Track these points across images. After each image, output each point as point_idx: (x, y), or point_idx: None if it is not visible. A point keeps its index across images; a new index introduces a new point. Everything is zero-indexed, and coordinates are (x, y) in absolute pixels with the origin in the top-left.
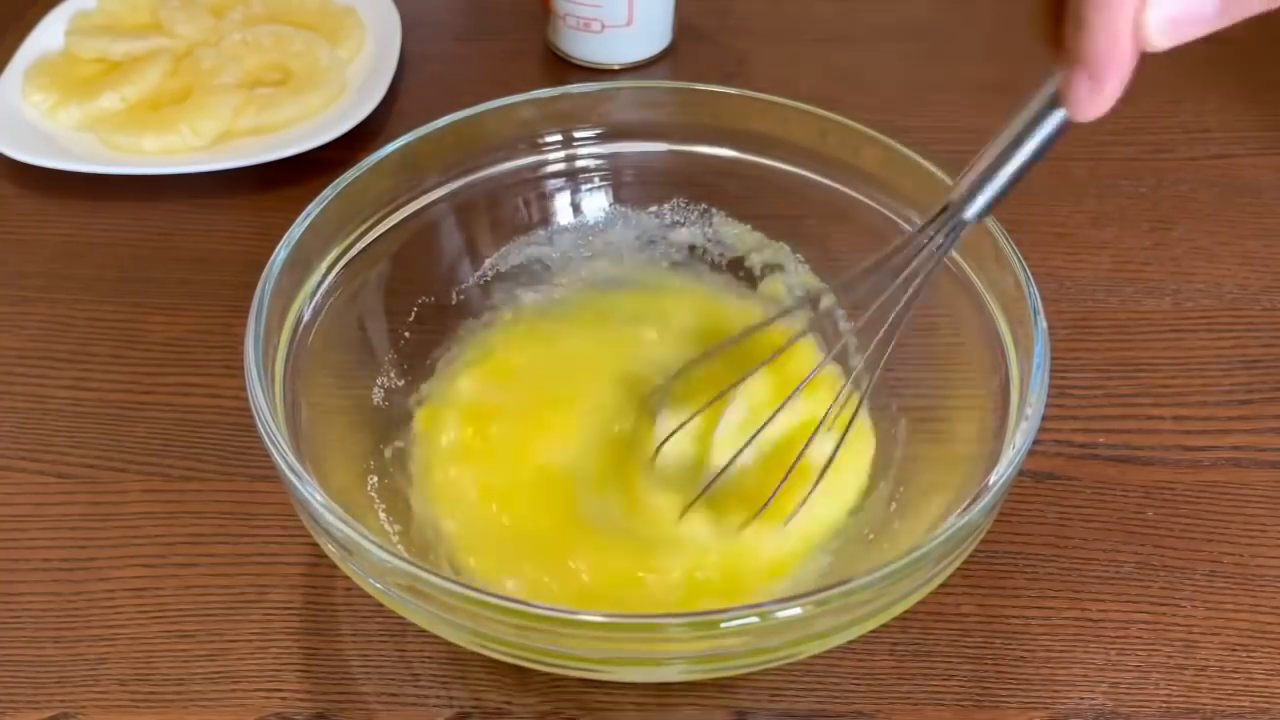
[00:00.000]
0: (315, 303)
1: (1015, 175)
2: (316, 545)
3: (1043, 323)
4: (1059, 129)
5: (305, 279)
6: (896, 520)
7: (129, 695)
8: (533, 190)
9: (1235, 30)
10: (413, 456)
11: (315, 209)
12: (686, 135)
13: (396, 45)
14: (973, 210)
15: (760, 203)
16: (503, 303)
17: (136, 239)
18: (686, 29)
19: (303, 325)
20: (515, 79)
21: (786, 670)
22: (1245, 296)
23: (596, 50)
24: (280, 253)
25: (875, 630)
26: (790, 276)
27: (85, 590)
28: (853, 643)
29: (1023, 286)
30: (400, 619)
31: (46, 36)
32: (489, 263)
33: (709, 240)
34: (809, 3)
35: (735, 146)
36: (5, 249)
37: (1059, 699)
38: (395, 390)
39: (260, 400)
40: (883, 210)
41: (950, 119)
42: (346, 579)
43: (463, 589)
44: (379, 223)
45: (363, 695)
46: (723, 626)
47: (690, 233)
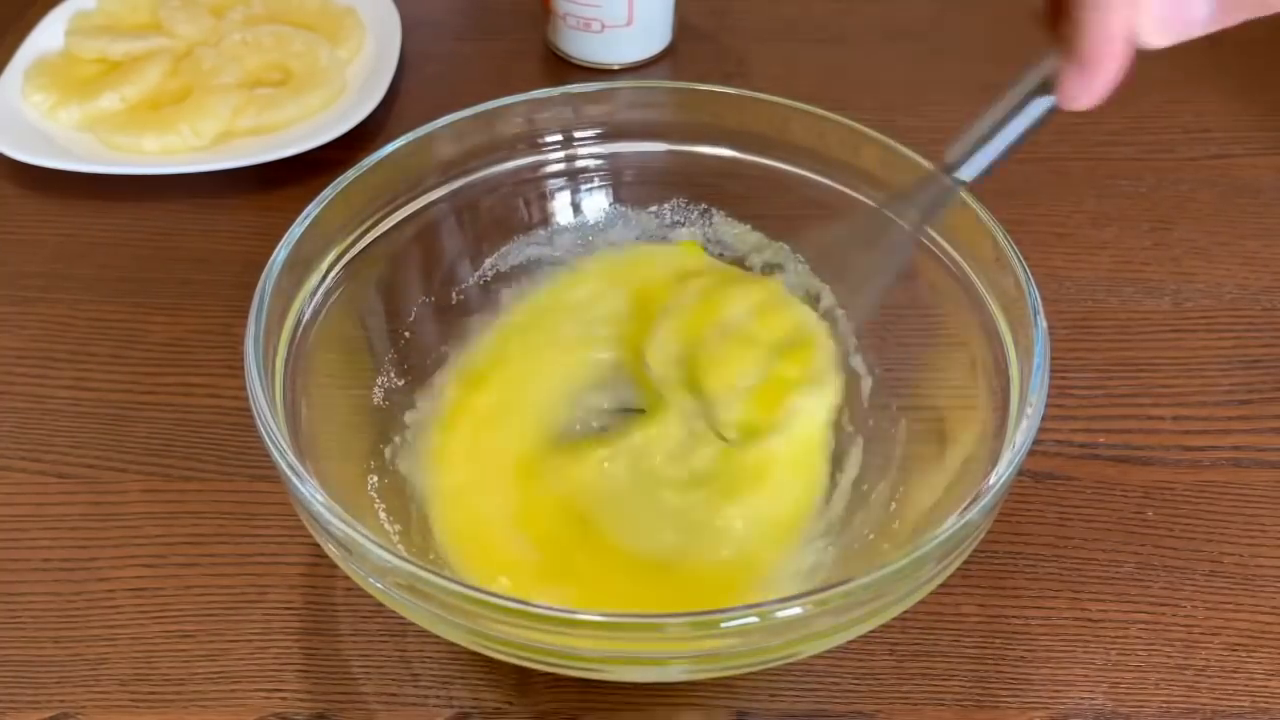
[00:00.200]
0: (315, 303)
1: (1008, 148)
2: (316, 545)
3: (1043, 323)
4: (1048, 113)
5: (305, 279)
6: (896, 520)
7: (129, 695)
8: (533, 190)
9: (1235, 30)
10: (412, 460)
11: (315, 209)
12: (686, 135)
13: (396, 45)
14: (966, 172)
15: (760, 203)
16: (502, 303)
17: (136, 239)
18: (686, 29)
19: (303, 325)
20: (515, 79)
21: (786, 670)
22: (1245, 296)
23: (596, 50)
24: (280, 253)
25: (875, 630)
26: (790, 276)
27: (85, 590)
28: (853, 643)
29: (1023, 286)
30: (400, 619)
31: (46, 36)
32: (489, 263)
33: (709, 240)
34: (809, 3)
35: (735, 146)
36: (5, 249)
37: (1059, 699)
38: (395, 390)
39: (260, 400)
40: (883, 210)
41: (950, 119)
42: (346, 579)
43: (463, 588)
44: (379, 223)
45: (363, 695)
46: (723, 626)
47: (690, 233)
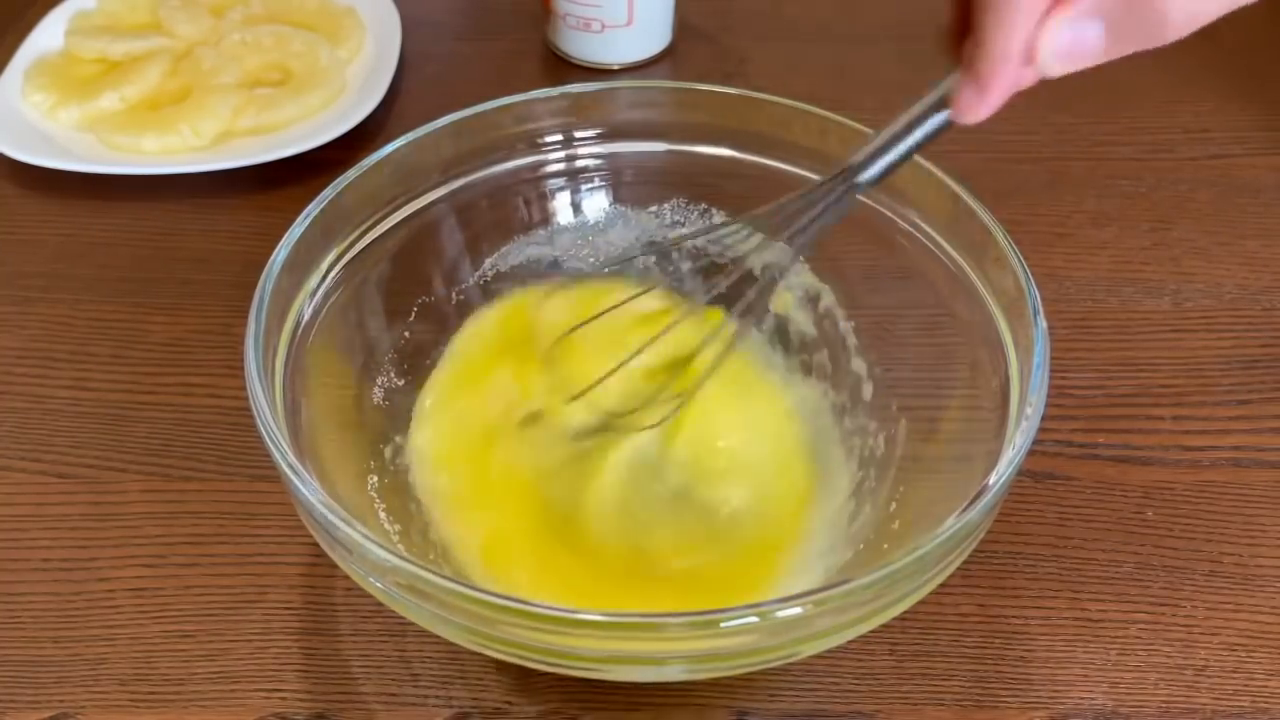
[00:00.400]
0: (315, 303)
1: (904, 154)
2: (316, 545)
3: (1043, 323)
4: (943, 125)
5: (305, 279)
6: (896, 520)
7: (129, 695)
8: (533, 190)
9: (1235, 30)
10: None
11: (315, 209)
12: (686, 135)
13: (396, 45)
14: (867, 175)
15: (760, 203)
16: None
17: (136, 239)
18: (686, 29)
19: (303, 325)
20: (515, 79)
21: (786, 670)
22: (1245, 296)
23: (596, 50)
24: (280, 253)
25: (875, 630)
26: (790, 276)
27: (85, 590)
28: (853, 643)
29: (1023, 286)
30: (400, 619)
31: (46, 36)
32: (489, 263)
33: (709, 240)
34: (809, 3)
35: (735, 146)
36: (5, 249)
37: (1059, 699)
38: (395, 390)
39: (260, 400)
40: (882, 210)
41: None
42: (346, 579)
43: (463, 588)
44: (379, 223)
45: (363, 695)
46: (723, 626)
47: (690, 232)
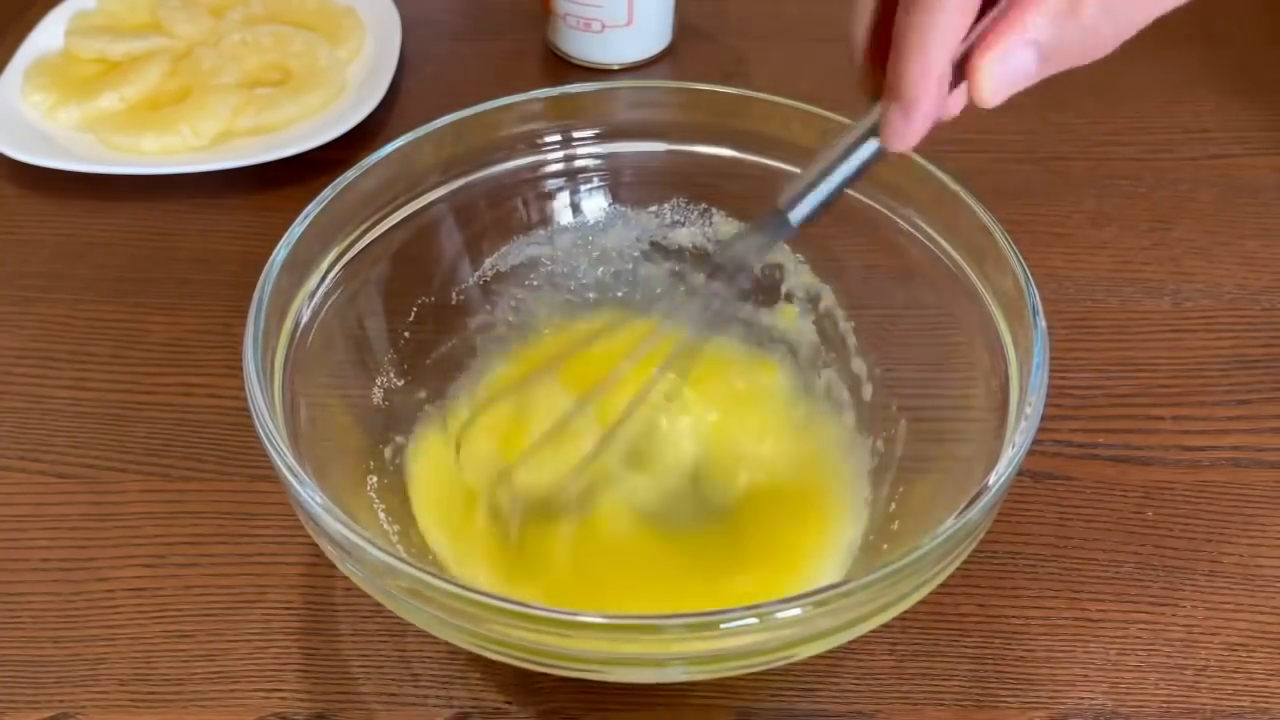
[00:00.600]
0: (315, 303)
1: (835, 190)
2: (316, 545)
3: (1043, 323)
4: (873, 156)
5: (305, 279)
6: (896, 520)
7: (129, 695)
8: (533, 190)
9: (1235, 31)
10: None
11: (315, 209)
12: (686, 135)
13: (396, 45)
14: (796, 215)
15: (760, 203)
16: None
17: (136, 239)
18: (686, 29)
19: (302, 325)
20: (515, 79)
21: (786, 670)
22: (1244, 296)
23: (596, 50)
24: (280, 253)
25: (875, 630)
26: (790, 276)
27: (85, 590)
28: (853, 643)
29: (1023, 286)
30: (400, 619)
31: (46, 36)
32: (489, 263)
33: (709, 240)
34: (809, 3)
35: (735, 146)
36: (5, 249)
37: (1059, 699)
38: (395, 390)
39: (259, 400)
40: (882, 210)
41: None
42: (346, 579)
43: (462, 590)
44: (379, 223)
45: (362, 695)
46: (722, 627)
47: (690, 233)
